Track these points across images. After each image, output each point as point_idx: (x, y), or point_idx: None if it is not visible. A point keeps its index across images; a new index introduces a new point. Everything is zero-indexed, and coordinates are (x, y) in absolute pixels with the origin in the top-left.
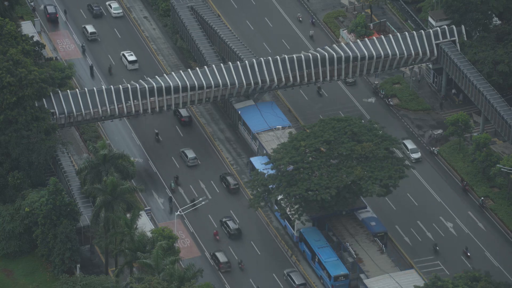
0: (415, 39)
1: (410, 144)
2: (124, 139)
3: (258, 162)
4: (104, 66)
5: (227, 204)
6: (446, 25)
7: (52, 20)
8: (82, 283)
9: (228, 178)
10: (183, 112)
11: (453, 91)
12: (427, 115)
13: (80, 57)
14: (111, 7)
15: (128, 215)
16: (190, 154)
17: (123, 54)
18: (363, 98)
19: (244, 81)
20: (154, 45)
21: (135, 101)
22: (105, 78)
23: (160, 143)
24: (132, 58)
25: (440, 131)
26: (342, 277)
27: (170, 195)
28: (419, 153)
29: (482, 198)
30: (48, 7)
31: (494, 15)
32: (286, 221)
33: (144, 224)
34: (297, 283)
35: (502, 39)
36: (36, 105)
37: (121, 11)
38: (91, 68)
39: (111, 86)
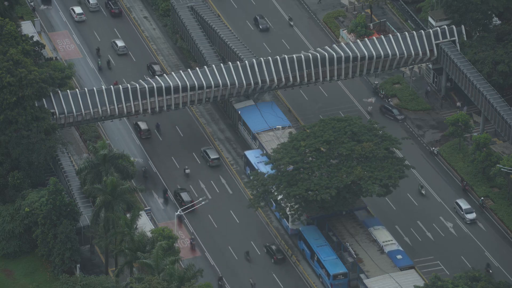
0: (415, 39)
1: (464, 204)
2: (124, 139)
3: (252, 156)
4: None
5: (228, 204)
6: (446, 25)
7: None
8: (82, 283)
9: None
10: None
11: (458, 104)
12: (427, 115)
13: (80, 57)
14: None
15: (128, 215)
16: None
17: None
18: (363, 98)
19: (244, 81)
20: (154, 45)
21: (135, 101)
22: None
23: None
24: None
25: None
26: (341, 276)
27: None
28: (474, 213)
29: (482, 198)
30: None
31: (494, 15)
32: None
33: (144, 224)
34: (211, 157)
35: (502, 39)
36: (36, 105)
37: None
38: None
39: (111, 86)
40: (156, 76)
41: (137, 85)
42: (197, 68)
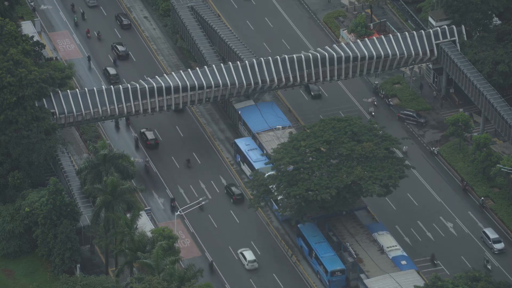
0: (415, 39)
1: (491, 234)
2: (124, 139)
3: (243, 143)
4: None
5: (228, 204)
6: (446, 25)
7: None
8: (82, 283)
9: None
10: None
11: (461, 109)
12: (427, 115)
13: (81, 57)
14: None
15: (128, 215)
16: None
17: None
18: (363, 98)
19: (244, 81)
20: (154, 45)
21: (135, 101)
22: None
23: (163, 146)
24: None
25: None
26: (338, 272)
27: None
28: (503, 243)
29: (482, 198)
30: None
31: (494, 15)
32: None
33: (144, 224)
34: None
35: (502, 39)
36: (36, 105)
37: None
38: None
39: (111, 86)
40: (156, 76)
41: (137, 85)
42: (197, 68)
